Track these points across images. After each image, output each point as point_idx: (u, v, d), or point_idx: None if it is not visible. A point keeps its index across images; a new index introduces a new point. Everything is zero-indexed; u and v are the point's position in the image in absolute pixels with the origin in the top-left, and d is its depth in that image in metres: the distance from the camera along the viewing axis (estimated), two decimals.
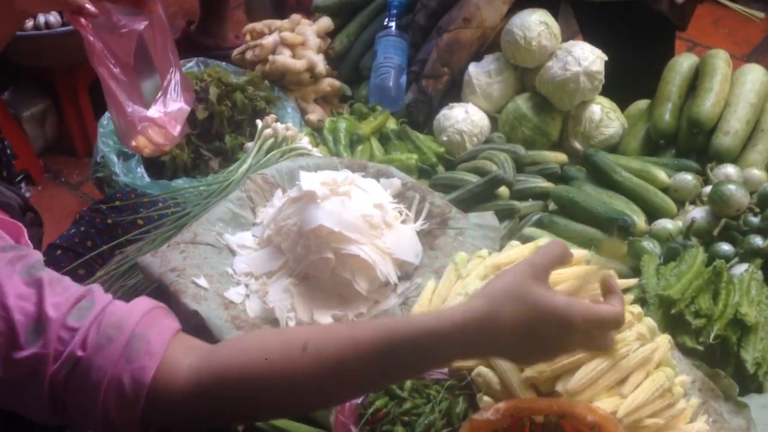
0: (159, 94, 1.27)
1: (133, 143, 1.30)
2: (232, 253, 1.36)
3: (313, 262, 1.28)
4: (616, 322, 0.86)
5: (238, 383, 0.87)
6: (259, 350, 0.88)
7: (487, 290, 0.86)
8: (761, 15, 3.58)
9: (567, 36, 1.82)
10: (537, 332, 0.84)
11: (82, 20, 1.18)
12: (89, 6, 1.18)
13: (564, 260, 0.90)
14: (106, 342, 0.85)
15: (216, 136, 1.76)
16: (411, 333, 0.84)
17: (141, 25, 1.24)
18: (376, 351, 0.84)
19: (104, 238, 1.46)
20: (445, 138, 1.76)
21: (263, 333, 1.13)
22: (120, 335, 0.86)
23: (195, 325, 1.19)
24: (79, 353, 0.85)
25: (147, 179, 1.65)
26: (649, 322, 1.10)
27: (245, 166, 1.56)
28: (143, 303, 0.91)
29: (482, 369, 1.06)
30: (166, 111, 1.28)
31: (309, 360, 0.85)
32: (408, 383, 1.08)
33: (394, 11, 1.92)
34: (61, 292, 0.87)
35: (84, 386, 0.85)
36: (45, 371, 0.84)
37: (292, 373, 0.86)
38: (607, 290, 0.91)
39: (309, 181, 1.32)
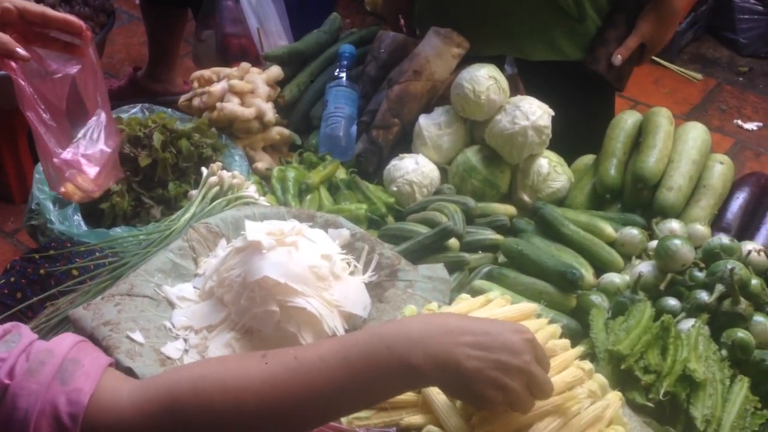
0: (78, 137, 1.23)
1: (62, 189, 1.25)
2: (171, 305, 1.30)
3: (257, 315, 1.23)
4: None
5: (192, 397, 0.81)
6: (217, 362, 0.88)
7: None
8: (699, 76, 3.75)
9: (511, 92, 1.85)
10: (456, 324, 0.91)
11: (13, 64, 1.14)
12: (20, 50, 1.14)
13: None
14: (37, 367, 0.79)
15: (159, 184, 1.71)
16: (358, 338, 0.90)
17: (73, 69, 1.21)
18: (331, 352, 0.87)
19: (35, 289, 1.38)
20: (395, 188, 1.74)
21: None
22: (51, 360, 0.80)
23: None
24: (6, 381, 0.78)
25: (84, 227, 1.58)
26: (600, 378, 1.08)
27: (188, 215, 1.51)
28: (71, 335, 0.86)
29: (431, 428, 1.02)
30: (83, 153, 1.23)
31: (267, 365, 0.84)
32: None
33: (345, 62, 1.92)
34: None
35: (11, 418, 0.77)
36: None
37: (247, 377, 0.83)
38: None
39: (254, 230, 1.28)
